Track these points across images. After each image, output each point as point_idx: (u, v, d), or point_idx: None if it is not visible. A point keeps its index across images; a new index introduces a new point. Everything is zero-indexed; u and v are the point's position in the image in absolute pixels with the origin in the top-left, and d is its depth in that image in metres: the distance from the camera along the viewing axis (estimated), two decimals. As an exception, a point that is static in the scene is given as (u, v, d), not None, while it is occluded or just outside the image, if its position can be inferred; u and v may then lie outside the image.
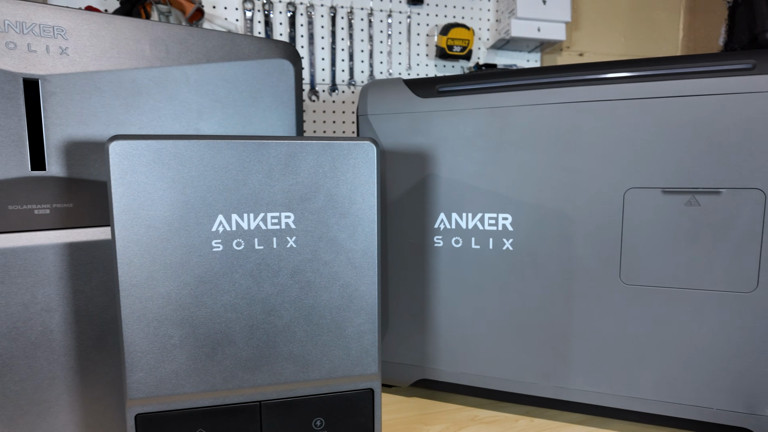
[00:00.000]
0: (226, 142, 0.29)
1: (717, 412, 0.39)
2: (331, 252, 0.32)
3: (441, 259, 0.46)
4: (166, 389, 0.30)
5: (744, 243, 0.36)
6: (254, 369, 0.32)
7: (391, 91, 0.46)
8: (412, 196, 0.46)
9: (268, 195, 0.30)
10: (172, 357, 0.30)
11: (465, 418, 0.46)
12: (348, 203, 0.32)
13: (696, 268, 0.38)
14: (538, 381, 0.44)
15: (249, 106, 0.41)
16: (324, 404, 0.33)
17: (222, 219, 0.30)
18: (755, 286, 0.36)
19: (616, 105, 0.38)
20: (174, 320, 0.30)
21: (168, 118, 0.37)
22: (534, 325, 0.43)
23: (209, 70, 0.39)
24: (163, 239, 0.29)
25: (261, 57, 0.42)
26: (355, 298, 0.33)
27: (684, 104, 0.36)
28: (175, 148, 0.29)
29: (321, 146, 0.31)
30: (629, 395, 0.41)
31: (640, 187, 0.38)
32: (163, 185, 0.29)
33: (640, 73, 0.38)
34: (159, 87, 0.37)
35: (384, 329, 0.48)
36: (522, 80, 0.41)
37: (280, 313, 0.31)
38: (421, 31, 0.85)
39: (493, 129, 0.42)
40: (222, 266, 0.30)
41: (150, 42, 0.36)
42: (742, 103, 0.35)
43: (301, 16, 0.79)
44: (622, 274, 0.39)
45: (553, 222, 0.41)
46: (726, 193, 0.36)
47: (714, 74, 0.36)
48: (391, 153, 0.46)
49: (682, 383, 0.39)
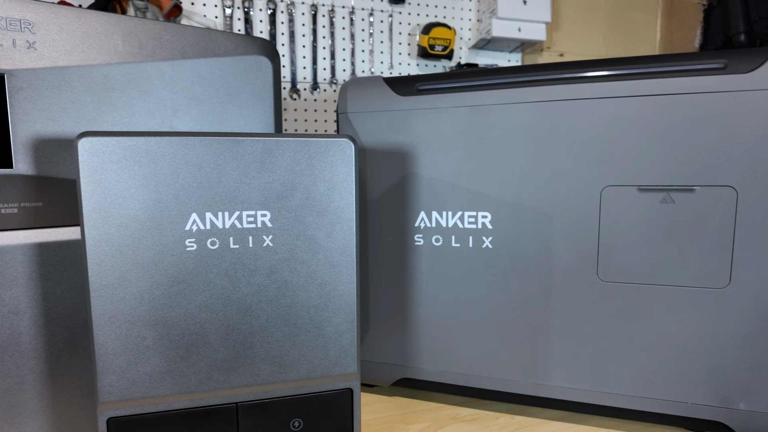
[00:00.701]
0: (200, 139, 0.29)
1: (692, 407, 0.39)
2: (309, 251, 0.32)
3: (421, 257, 0.45)
4: (139, 392, 0.30)
5: (717, 240, 0.37)
6: (230, 370, 0.31)
7: (371, 89, 0.46)
8: (392, 195, 0.46)
9: (244, 193, 0.30)
10: (145, 359, 0.30)
11: (446, 417, 0.46)
12: (326, 201, 0.32)
13: (671, 265, 0.38)
14: (518, 378, 0.44)
15: (226, 104, 0.40)
16: (302, 405, 0.33)
17: (196, 218, 0.29)
18: (728, 282, 0.37)
19: (592, 104, 0.38)
20: (147, 321, 0.29)
21: (142, 115, 0.37)
22: (513, 322, 0.43)
23: (184, 67, 0.38)
24: (135, 238, 0.28)
25: (238, 53, 0.41)
26: (333, 297, 0.33)
27: (659, 103, 0.37)
28: (147, 145, 0.28)
29: (298, 143, 0.30)
30: (607, 391, 0.41)
31: (616, 185, 0.39)
32: (134, 183, 0.28)
33: (616, 72, 0.38)
34: (132, 83, 0.36)
35: (365, 328, 0.48)
36: (501, 79, 0.41)
37: (257, 313, 0.31)
38: (403, 30, 0.85)
39: (473, 127, 0.42)
40: (196, 266, 0.30)
41: (122, 37, 0.35)
42: (714, 102, 0.36)
43: (282, 13, 0.78)
44: (599, 271, 0.40)
45: (532, 220, 0.41)
46: (700, 190, 0.37)
47: (687, 74, 0.36)
48: (372, 151, 0.46)
49: (658, 378, 0.40)
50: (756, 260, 0.36)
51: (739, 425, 0.38)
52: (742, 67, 0.35)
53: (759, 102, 0.35)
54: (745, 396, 0.38)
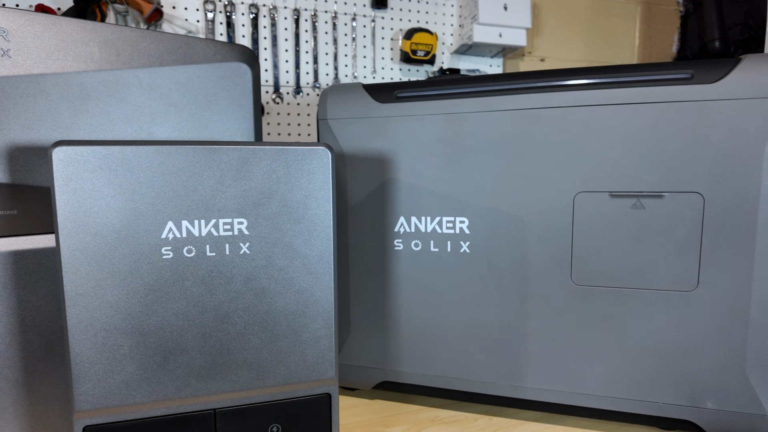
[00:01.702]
0: (176, 147, 0.29)
1: (663, 406, 0.40)
2: (286, 258, 0.32)
3: (401, 262, 0.46)
4: (116, 400, 0.30)
5: (685, 244, 0.38)
6: (208, 377, 0.31)
7: (351, 96, 0.46)
8: (372, 201, 0.46)
9: (220, 201, 0.30)
10: (121, 367, 0.30)
11: (426, 419, 0.47)
12: (303, 209, 0.32)
13: (641, 269, 0.39)
14: (496, 380, 0.45)
15: (204, 111, 0.41)
16: (280, 410, 0.33)
17: (172, 226, 0.29)
18: (696, 285, 0.38)
19: (565, 112, 0.39)
20: (123, 329, 0.29)
21: (119, 122, 0.37)
22: (491, 325, 0.44)
23: (162, 74, 0.39)
24: (111, 247, 0.29)
25: (217, 60, 0.41)
26: (311, 303, 0.33)
27: (629, 111, 0.38)
28: (122, 153, 0.28)
29: (274, 152, 0.31)
30: (581, 392, 0.42)
31: (589, 191, 0.40)
32: (110, 192, 0.28)
33: (588, 81, 0.39)
34: (109, 90, 0.36)
35: (345, 332, 0.49)
36: (477, 87, 0.42)
37: (234, 321, 0.31)
38: (385, 35, 0.86)
39: (450, 134, 0.43)
40: (172, 274, 0.30)
41: (99, 44, 0.35)
42: (681, 111, 0.37)
43: (264, 18, 0.78)
44: (573, 275, 0.41)
45: (508, 225, 0.42)
46: (668, 196, 0.38)
47: (656, 83, 0.37)
48: (352, 157, 0.46)
49: (630, 379, 0.41)
50: (722, 264, 0.38)
51: (707, 424, 0.40)
52: (708, 77, 0.37)
53: (724, 111, 0.36)
54: (712, 395, 0.39)
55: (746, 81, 0.36)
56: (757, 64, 0.36)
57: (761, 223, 0.36)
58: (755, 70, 0.36)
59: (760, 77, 0.35)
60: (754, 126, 0.35)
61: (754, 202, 0.36)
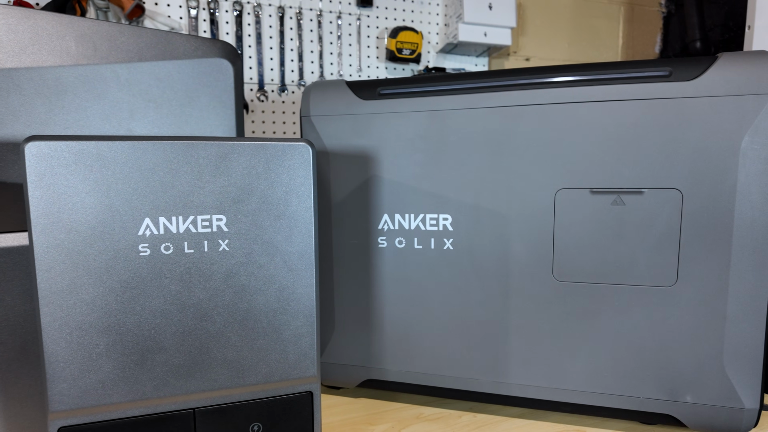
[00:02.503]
0: (153, 143, 0.28)
1: (643, 401, 0.41)
2: (267, 255, 0.32)
3: (385, 259, 0.46)
4: (92, 400, 0.29)
5: (664, 240, 0.39)
6: (187, 376, 0.31)
7: (334, 93, 0.46)
8: (356, 198, 0.46)
9: (199, 197, 0.30)
10: (97, 366, 0.29)
11: (410, 416, 0.47)
12: (283, 205, 0.32)
13: (622, 265, 0.40)
14: (480, 377, 0.45)
15: (185, 107, 0.40)
16: (261, 409, 0.33)
17: (149, 222, 0.29)
18: (675, 281, 0.39)
19: (546, 109, 0.40)
20: (99, 328, 0.29)
21: (96, 118, 0.36)
22: (474, 322, 0.44)
23: (142, 69, 0.38)
24: (86, 244, 0.28)
25: (197, 56, 0.41)
26: (292, 300, 0.33)
27: (609, 109, 0.38)
28: (97, 149, 0.28)
29: (254, 147, 0.31)
30: (564, 388, 0.43)
31: (569, 188, 0.40)
32: (84, 188, 0.28)
33: (568, 78, 0.39)
34: (86, 85, 0.35)
35: (329, 331, 0.48)
36: (459, 84, 0.42)
37: (213, 318, 0.31)
38: (371, 33, 0.85)
39: (433, 131, 0.43)
40: (150, 271, 0.29)
41: (75, 38, 0.35)
42: (660, 107, 0.37)
43: (249, 15, 0.78)
44: (554, 271, 0.41)
45: (491, 222, 0.42)
46: (648, 193, 0.39)
47: (635, 80, 0.38)
48: (335, 154, 0.46)
49: (611, 374, 0.41)
50: (700, 259, 0.38)
51: (686, 417, 0.40)
52: (685, 75, 0.37)
53: (701, 108, 0.37)
54: (691, 389, 0.39)
55: (722, 79, 0.36)
56: (733, 62, 0.36)
57: (737, 218, 0.37)
58: (731, 68, 0.36)
59: (735, 75, 0.36)
60: (730, 123, 0.36)
61: (730, 197, 0.37)
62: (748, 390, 0.38)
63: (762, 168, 0.36)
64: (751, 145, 0.36)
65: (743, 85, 0.36)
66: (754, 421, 0.39)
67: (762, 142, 0.36)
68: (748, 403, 0.38)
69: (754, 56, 0.36)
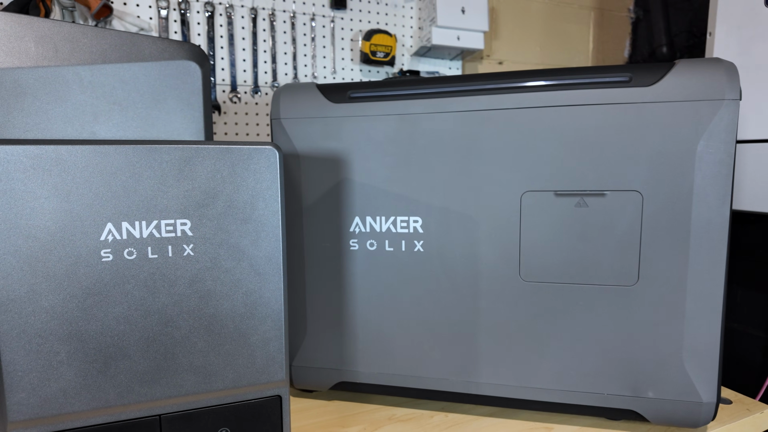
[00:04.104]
0: (114, 147, 0.28)
1: (608, 397, 0.42)
2: (233, 259, 0.32)
3: (357, 262, 0.46)
4: (53, 409, 0.29)
5: (626, 241, 0.40)
6: (152, 382, 0.31)
7: (304, 96, 0.46)
8: (327, 201, 0.46)
9: (162, 201, 0.29)
10: (58, 374, 0.29)
11: (382, 418, 0.47)
12: (249, 209, 0.32)
13: (585, 265, 0.41)
14: (451, 377, 0.45)
15: (151, 109, 0.40)
16: (229, 414, 0.33)
17: (111, 227, 0.28)
18: (636, 280, 0.40)
19: (511, 113, 0.40)
20: (60, 335, 0.28)
21: (58, 121, 0.35)
22: (445, 322, 0.44)
23: (105, 71, 0.37)
24: (45, 250, 0.27)
25: (164, 58, 0.40)
26: (259, 305, 0.33)
27: (571, 113, 0.39)
28: (56, 153, 0.27)
29: (219, 151, 0.30)
30: (532, 386, 0.43)
31: (535, 191, 0.41)
32: (43, 193, 0.27)
33: (532, 83, 0.40)
34: (47, 88, 0.35)
35: (301, 335, 0.48)
36: (427, 89, 0.42)
37: (178, 324, 0.31)
38: (345, 35, 0.86)
39: (403, 135, 0.43)
40: (112, 277, 0.29)
41: (35, 39, 0.34)
42: (620, 112, 0.39)
43: (221, 16, 0.77)
44: (521, 272, 0.42)
45: (459, 224, 0.43)
46: (610, 195, 0.40)
47: (596, 86, 0.39)
48: (306, 157, 0.46)
49: (577, 372, 0.42)
50: (660, 259, 0.39)
51: (649, 412, 0.41)
52: (644, 80, 0.38)
53: (659, 113, 0.38)
54: (653, 385, 0.41)
55: (679, 85, 0.37)
56: (689, 69, 0.38)
57: (694, 219, 0.38)
58: (687, 75, 0.37)
59: (691, 81, 0.37)
60: (687, 127, 0.37)
61: (688, 199, 0.38)
62: (706, 385, 0.40)
63: (716, 171, 0.37)
64: (707, 148, 0.37)
65: (698, 91, 0.37)
66: (712, 414, 0.40)
67: (716, 146, 0.37)
68: (706, 397, 0.40)
69: (709, 63, 0.38)
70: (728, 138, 0.37)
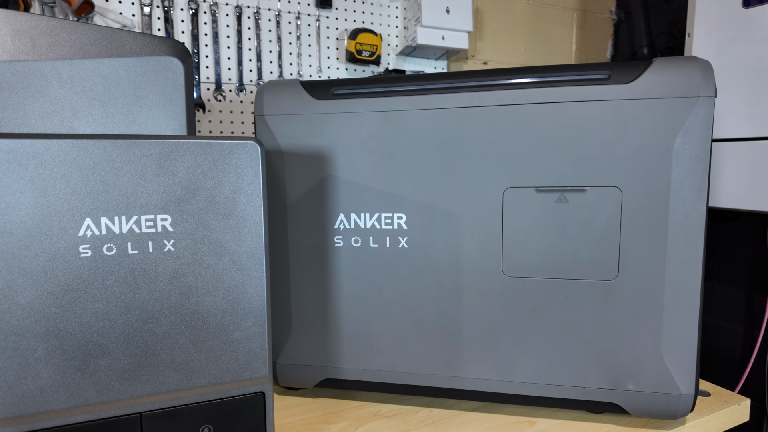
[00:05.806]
0: (93, 141, 0.28)
1: (589, 390, 0.43)
2: (214, 255, 0.31)
3: (341, 258, 0.46)
4: (29, 408, 0.28)
5: (606, 235, 0.40)
6: (132, 379, 0.30)
7: (287, 93, 0.46)
8: (311, 197, 0.46)
9: (142, 197, 0.29)
10: (35, 372, 0.28)
11: (368, 414, 0.47)
12: (231, 204, 0.32)
13: (566, 260, 0.41)
14: (435, 372, 0.46)
15: (132, 105, 0.39)
16: (211, 411, 0.33)
17: (90, 223, 0.28)
18: (616, 275, 0.41)
19: (493, 111, 0.41)
20: (37, 332, 0.28)
21: (36, 116, 0.35)
22: (429, 318, 0.45)
23: (85, 66, 0.37)
24: (22, 246, 0.27)
25: (146, 54, 0.40)
26: (241, 301, 0.32)
27: (552, 110, 0.40)
28: (32, 147, 0.27)
29: (200, 146, 0.30)
30: (514, 380, 0.44)
31: (517, 187, 0.41)
32: (20, 188, 0.27)
33: (513, 81, 0.41)
34: (24, 82, 0.34)
35: (286, 332, 0.48)
36: (410, 86, 0.43)
37: (159, 320, 0.30)
38: (330, 34, 0.85)
39: (386, 132, 0.43)
40: (91, 273, 0.28)
41: (11, 33, 0.33)
42: (599, 109, 0.39)
43: (205, 14, 0.76)
44: (503, 267, 0.42)
45: (443, 220, 0.43)
46: (590, 191, 0.40)
47: (576, 83, 0.39)
48: (290, 154, 0.46)
49: (559, 366, 0.43)
50: (639, 254, 0.40)
51: (629, 405, 0.42)
52: (623, 78, 0.39)
53: (637, 110, 0.39)
54: (633, 378, 0.41)
55: (656, 82, 0.38)
56: (666, 66, 0.38)
57: (672, 214, 0.39)
58: (664, 72, 0.38)
59: (668, 78, 0.38)
60: (664, 123, 0.38)
61: (665, 194, 0.39)
62: (685, 377, 0.41)
63: (693, 166, 0.38)
64: (683, 144, 0.38)
65: (675, 88, 0.38)
66: (690, 405, 0.41)
67: (692, 142, 0.38)
68: (685, 389, 0.41)
69: (685, 61, 0.39)
70: (704, 134, 0.38)
